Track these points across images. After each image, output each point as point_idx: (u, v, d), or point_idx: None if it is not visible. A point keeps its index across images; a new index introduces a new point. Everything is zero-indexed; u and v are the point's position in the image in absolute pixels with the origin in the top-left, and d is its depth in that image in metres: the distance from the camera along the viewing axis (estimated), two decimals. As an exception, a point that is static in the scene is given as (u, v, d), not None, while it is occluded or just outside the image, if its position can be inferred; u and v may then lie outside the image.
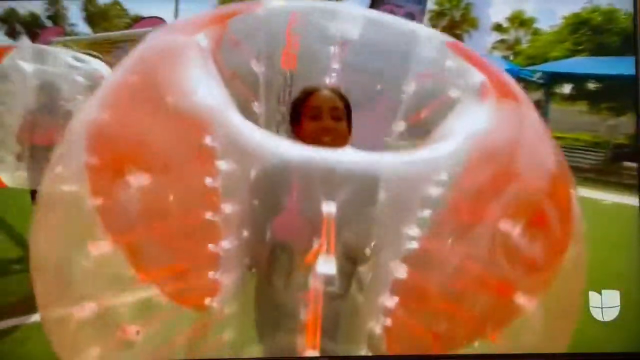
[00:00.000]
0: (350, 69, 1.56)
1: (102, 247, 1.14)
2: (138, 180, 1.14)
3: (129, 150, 1.18)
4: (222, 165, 1.13)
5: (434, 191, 1.18)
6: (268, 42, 1.52)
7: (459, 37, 11.95)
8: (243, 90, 1.52)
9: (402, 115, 1.55)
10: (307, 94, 1.34)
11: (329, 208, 1.11)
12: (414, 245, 1.17)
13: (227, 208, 1.13)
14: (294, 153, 1.15)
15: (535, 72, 9.59)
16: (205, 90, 1.23)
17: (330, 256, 1.12)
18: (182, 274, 1.17)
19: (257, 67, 1.51)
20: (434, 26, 11.45)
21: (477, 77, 1.45)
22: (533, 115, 1.44)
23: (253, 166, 1.17)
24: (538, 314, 1.27)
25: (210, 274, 1.14)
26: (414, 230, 1.17)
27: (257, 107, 1.55)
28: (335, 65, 1.55)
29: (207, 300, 1.15)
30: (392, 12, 3.32)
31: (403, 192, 1.20)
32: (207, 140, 1.14)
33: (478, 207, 1.22)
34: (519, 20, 11.36)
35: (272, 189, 1.18)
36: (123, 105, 1.24)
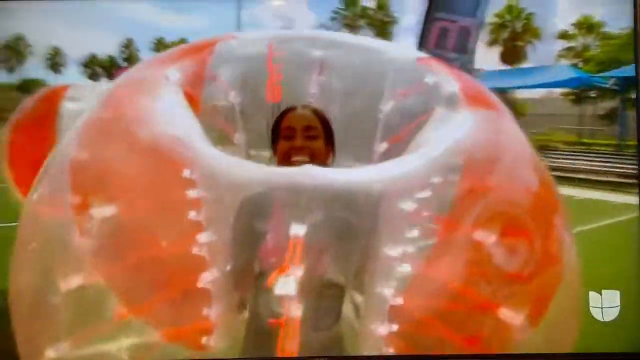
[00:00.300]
0: (329, 92, 1.55)
1: (88, 281, 1.16)
2: (122, 215, 1.17)
3: (110, 187, 1.21)
4: (202, 195, 1.15)
5: (409, 206, 1.15)
6: (245, 72, 1.54)
7: (521, 49, 11.57)
8: (223, 123, 1.55)
9: (382, 136, 1.52)
10: (283, 114, 1.34)
11: (296, 230, 1.10)
12: (406, 268, 1.14)
13: (211, 239, 1.14)
14: (264, 176, 1.18)
15: (608, 78, 9.03)
16: (174, 122, 1.27)
17: (289, 277, 1.10)
18: (176, 311, 1.16)
19: (234, 99, 1.54)
20: (494, 40, 11.20)
21: (450, 87, 1.42)
22: (512, 125, 1.37)
23: (232, 194, 1.18)
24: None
25: (204, 310, 1.13)
26: (397, 251, 1.14)
27: (236, 138, 1.57)
28: (314, 90, 1.56)
29: (204, 340, 1.15)
30: (446, 27, 3.26)
31: (377, 210, 1.17)
32: (186, 173, 1.16)
33: (455, 219, 1.17)
34: (587, 25, 10.80)
35: (250, 217, 1.18)
36: (99, 143, 1.28)
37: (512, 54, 11.15)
